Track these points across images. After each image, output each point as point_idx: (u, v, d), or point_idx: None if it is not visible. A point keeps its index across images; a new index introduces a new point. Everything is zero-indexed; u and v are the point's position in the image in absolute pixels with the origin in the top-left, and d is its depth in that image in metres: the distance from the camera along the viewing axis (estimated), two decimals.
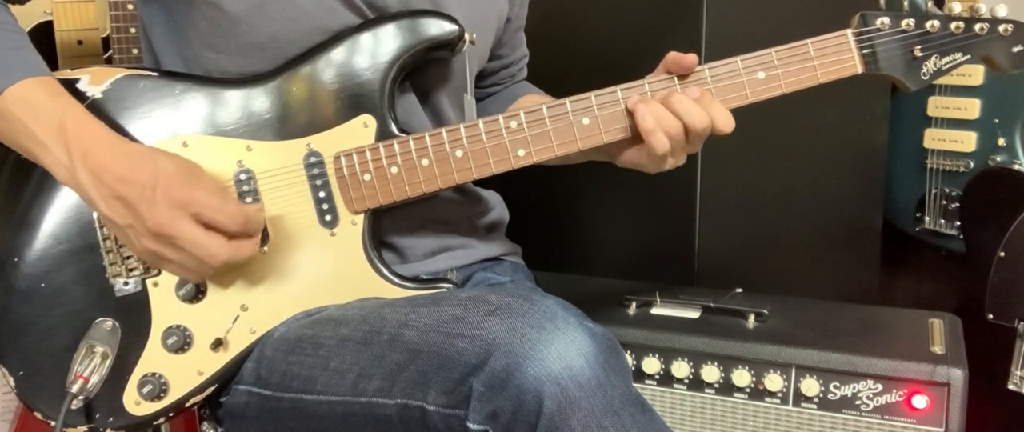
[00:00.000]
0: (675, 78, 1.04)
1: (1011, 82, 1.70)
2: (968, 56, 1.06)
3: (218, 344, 1.04)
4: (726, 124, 1.02)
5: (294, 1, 1.03)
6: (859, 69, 1.06)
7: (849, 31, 1.05)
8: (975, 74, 1.73)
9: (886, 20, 1.05)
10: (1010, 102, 1.71)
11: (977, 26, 1.05)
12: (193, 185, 0.95)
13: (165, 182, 0.93)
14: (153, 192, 0.93)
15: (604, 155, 1.11)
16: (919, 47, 1.06)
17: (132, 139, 1.01)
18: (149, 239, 0.94)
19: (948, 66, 1.06)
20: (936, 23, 1.05)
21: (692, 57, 1.03)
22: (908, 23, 1.05)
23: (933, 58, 1.06)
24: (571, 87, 1.06)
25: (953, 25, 1.05)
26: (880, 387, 1.19)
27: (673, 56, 1.04)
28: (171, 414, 1.06)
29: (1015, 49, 1.06)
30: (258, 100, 1.05)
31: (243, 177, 1.03)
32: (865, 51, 1.05)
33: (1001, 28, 1.05)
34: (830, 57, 1.05)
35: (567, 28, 1.74)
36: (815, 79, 1.05)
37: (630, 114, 1.03)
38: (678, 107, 1.00)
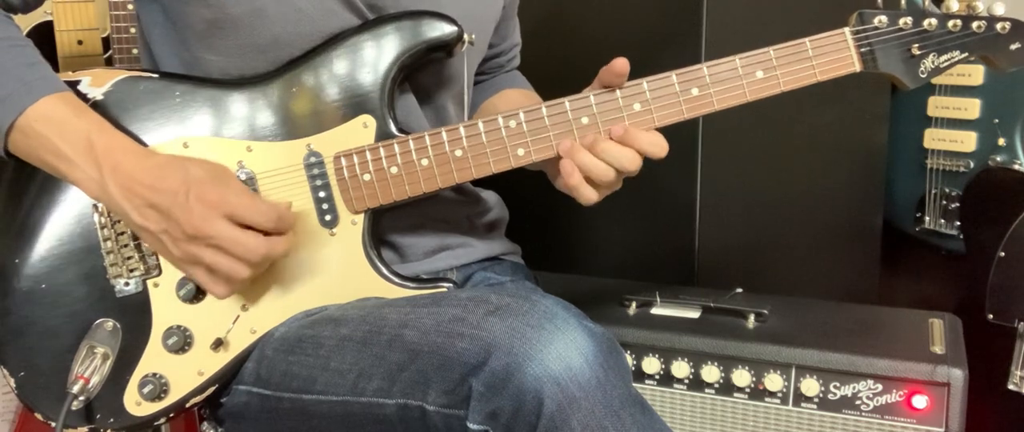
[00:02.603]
0: (673, 75, 1.04)
1: (1011, 82, 1.70)
2: (966, 54, 1.06)
3: (218, 344, 1.04)
4: (659, 150, 1.02)
5: (295, 4, 1.03)
6: (857, 67, 1.06)
7: (847, 29, 1.05)
8: (975, 74, 1.73)
9: (884, 18, 1.05)
10: (1010, 102, 1.71)
11: (974, 24, 1.05)
12: (224, 187, 0.96)
13: (197, 186, 0.94)
14: (186, 197, 0.93)
15: (543, 168, 1.11)
16: (917, 45, 1.06)
17: (136, 140, 1.02)
18: (186, 242, 0.94)
19: (946, 64, 1.06)
20: (933, 21, 1.05)
21: (622, 61, 1.02)
22: (906, 21, 1.05)
23: (931, 56, 1.06)
24: (571, 87, 1.07)
25: (950, 23, 1.05)
26: (880, 387, 1.19)
27: (605, 69, 1.03)
28: (172, 414, 1.06)
29: (1012, 47, 1.06)
30: (258, 101, 1.05)
31: (243, 178, 1.03)
32: (863, 49, 1.05)
33: (998, 26, 1.05)
34: (828, 55, 1.05)
35: (567, 28, 1.74)
36: (813, 77, 1.05)
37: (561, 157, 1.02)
38: (606, 156, 1.00)
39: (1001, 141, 1.71)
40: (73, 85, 1.03)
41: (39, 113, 0.96)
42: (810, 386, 1.21)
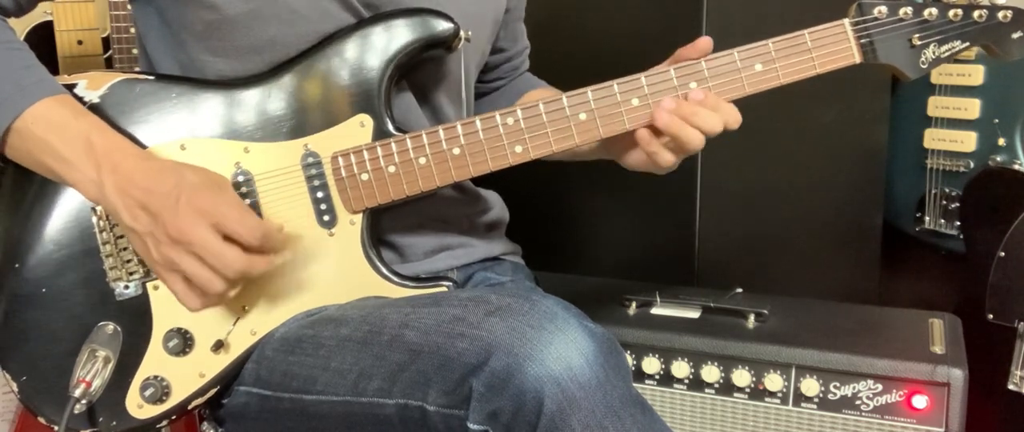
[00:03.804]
0: (671, 70, 1.03)
1: (1011, 82, 1.70)
2: (967, 43, 1.05)
3: (219, 346, 1.04)
4: (735, 120, 1.03)
5: (291, 5, 1.03)
6: (857, 59, 1.05)
7: (846, 21, 1.04)
8: (975, 74, 1.73)
9: (883, 9, 1.04)
10: (1010, 102, 1.71)
11: (975, 13, 1.04)
12: (217, 195, 0.95)
13: (189, 192, 0.94)
14: (177, 201, 0.93)
15: (608, 154, 1.11)
16: (917, 35, 1.04)
17: (134, 142, 1.02)
18: (167, 245, 0.94)
19: (947, 54, 1.05)
20: (934, 11, 1.04)
21: (705, 40, 1.02)
22: (906, 11, 1.04)
23: (932, 46, 1.05)
24: (572, 85, 1.06)
25: (951, 13, 1.04)
26: (880, 387, 1.19)
27: (683, 51, 1.03)
28: (173, 416, 1.06)
29: (1015, 36, 1.04)
30: (255, 102, 1.05)
31: (241, 179, 1.03)
32: (863, 41, 1.04)
33: (1000, 15, 1.04)
34: (827, 47, 1.04)
35: (569, 26, 1.74)
36: (813, 70, 1.04)
37: (647, 125, 1.02)
38: (696, 120, 1.01)
39: (1001, 141, 1.72)
40: (69, 88, 1.03)
41: (36, 116, 0.96)
42: (810, 386, 1.21)
